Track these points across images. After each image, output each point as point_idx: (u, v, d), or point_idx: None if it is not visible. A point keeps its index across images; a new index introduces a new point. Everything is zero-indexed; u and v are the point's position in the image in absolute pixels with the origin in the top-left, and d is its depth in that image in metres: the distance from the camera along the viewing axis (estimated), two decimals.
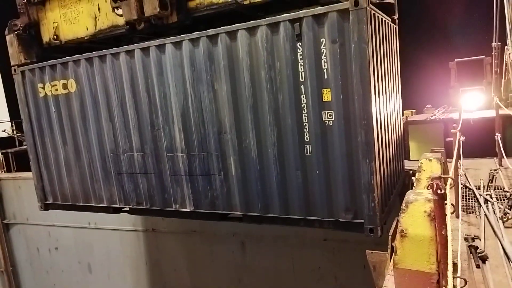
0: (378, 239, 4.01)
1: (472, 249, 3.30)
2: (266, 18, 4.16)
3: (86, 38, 5.89)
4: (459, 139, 4.11)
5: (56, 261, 10.43)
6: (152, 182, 5.32)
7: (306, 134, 4.17)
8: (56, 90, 5.85)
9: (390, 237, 3.71)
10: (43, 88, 5.97)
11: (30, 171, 6.55)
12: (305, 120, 4.15)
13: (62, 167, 6.11)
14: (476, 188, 4.72)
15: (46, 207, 6.55)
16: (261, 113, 4.35)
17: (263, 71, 4.25)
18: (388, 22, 4.73)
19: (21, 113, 6.37)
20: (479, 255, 3.20)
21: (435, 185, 2.09)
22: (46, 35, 6.23)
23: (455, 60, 9.17)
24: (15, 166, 11.61)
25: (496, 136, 5.72)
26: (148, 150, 5.23)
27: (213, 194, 4.88)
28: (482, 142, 6.28)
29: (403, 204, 2.35)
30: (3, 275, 11.18)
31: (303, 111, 4.14)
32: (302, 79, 4.08)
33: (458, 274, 2.18)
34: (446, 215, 2.11)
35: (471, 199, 4.49)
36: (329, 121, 4.04)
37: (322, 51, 3.93)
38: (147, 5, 4.85)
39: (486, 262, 3.13)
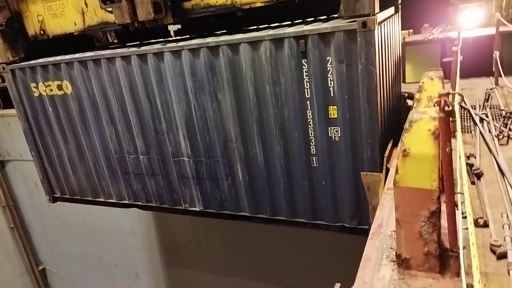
0: None
1: (468, 166, 3.33)
2: (269, 33, 4.01)
3: (75, 33, 5.63)
4: (458, 57, 4.01)
5: None
6: (160, 183, 5.44)
7: (313, 147, 4.26)
8: (51, 90, 5.69)
9: (385, 158, 3.91)
10: (37, 88, 5.79)
11: None
12: (311, 134, 4.21)
13: (66, 164, 6.16)
14: (472, 108, 4.68)
15: (54, 200, 6.70)
16: (267, 126, 4.38)
17: (267, 86, 4.20)
18: (393, 16, 4.55)
19: (16, 111, 6.25)
20: (475, 172, 3.27)
21: (443, 102, 2.03)
22: (31, 28, 5.92)
23: None
24: (1, 104, 11.09)
25: (494, 54, 5.53)
26: (153, 153, 5.27)
27: (221, 196, 5.06)
28: (478, 62, 6.11)
29: (407, 124, 2.27)
30: (6, 210, 11.63)
31: (309, 126, 4.18)
32: (308, 95, 4.06)
33: (458, 190, 2.28)
34: (451, 132, 2.13)
35: (467, 118, 4.49)
36: (335, 136, 4.11)
37: (328, 69, 3.87)
38: (141, 9, 4.59)
39: (481, 178, 3.22)
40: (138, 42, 6.79)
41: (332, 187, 4.33)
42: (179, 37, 6.79)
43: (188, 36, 6.42)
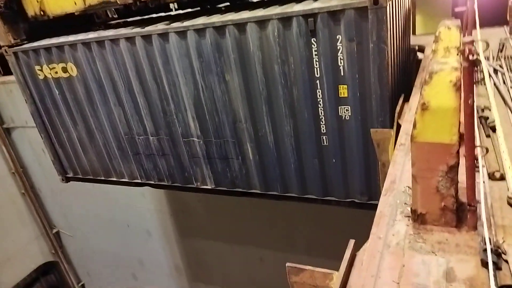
0: None
1: (482, 119, 3.27)
2: (277, 11, 3.90)
3: (76, 13, 5.49)
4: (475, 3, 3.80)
5: None
6: (171, 163, 5.51)
7: (323, 126, 4.26)
8: (56, 73, 5.64)
9: (396, 114, 3.85)
10: (41, 70, 5.74)
11: None
12: (321, 114, 4.20)
13: (77, 145, 6.22)
14: (485, 59, 4.39)
15: (67, 180, 6.82)
16: (276, 106, 4.36)
17: (276, 66, 4.13)
18: None
19: (22, 94, 6.23)
20: (490, 125, 3.18)
21: (467, 50, 1.89)
22: (31, 9, 5.78)
23: None
24: (1, 70, 10.84)
25: (509, 1, 5.20)
26: (163, 134, 5.30)
27: (232, 175, 5.13)
28: (492, 11, 5.66)
29: (426, 75, 2.16)
30: (15, 176, 11.80)
31: (319, 105, 4.16)
32: (317, 74, 4.01)
33: (477, 143, 2.23)
34: (474, 83, 2.03)
35: (480, 70, 4.22)
36: (345, 115, 4.10)
37: (338, 48, 3.80)
38: None
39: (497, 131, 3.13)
40: (139, 18, 6.66)
41: (342, 164, 4.37)
42: (181, 11, 6.62)
43: (190, 9, 6.28)
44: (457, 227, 2.27)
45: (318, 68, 3.97)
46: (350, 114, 4.06)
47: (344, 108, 4.06)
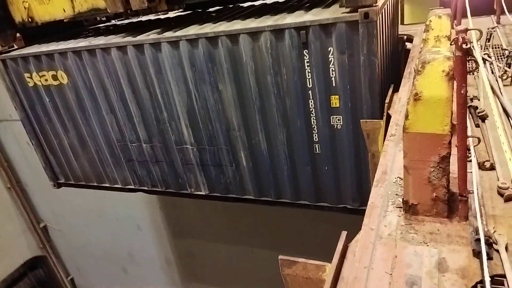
0: None
1: (472, 109, 3.28)
2: (269, 24, 3.93)
3: (65, 20, 5.45)
4: None
5: None
6: (164, 169, 5.54)
7: (315, 135, 4.34)
8: (46, 80, 5.59)
9: (386, 105, 3.86)
10: (31, 78, 5.68)
11: None
12: (314, 123, 4.27)
13: (68, 152, 6.19)
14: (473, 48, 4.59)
15: (59, 185, 6.79)
16: (269, 115, 4.42)
17: (269, 76, 4.18)
18: None
19: (11, 101, 6.16)
20: (479, 114, 3.19)
21: (461, 39, 1.89)
22: (18, 15, 5.70)
23: None
24: None
25: None
26: (156, 142, 5.32)
27: (226, 181, 5.18)
28: (480, 0, 5.67)
29: (419, 65, 2.14)
30: (1, 170, 11.66)
31: (311, 115, 4.23)
32: (309, 85, 4.07)
33: (469, 134, 2.22)
34: (467, 73, 2.01)
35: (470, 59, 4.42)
36: (337, 124, 4.18)
37: (330, 60, 3.86)
38: None
39: (486, 120, 3.16)
40: (128, 21, 6.63)
41: (334, 172, 4.46)
42: (171, 14, 6.61)
43: (180, 13, 6.26)
44: (449, 218, 2.30)
45: (310, 79, 4.04)
46: (342, 123, 4.14)
47: (336, 117, 4.14)
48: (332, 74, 3.92)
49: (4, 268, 11.86)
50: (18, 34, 5.99)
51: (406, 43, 5.69)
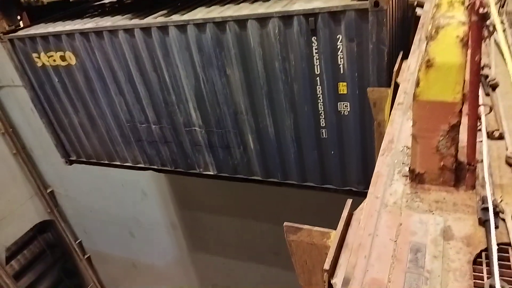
0: None
1: (482, 77, 3.17)
2: (277, 10, 3.89)
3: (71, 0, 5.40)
4: None
5: None
6: (173, 149, 5.65)
7: (322, 121, 4.39)
8: (54, 61, 5.61)
9: (394, 73, 3.77)
10: (39, 58, 5.70)
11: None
12: (321, 109, 4.30)
13: (79, 131, 6.30)
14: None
15: (71, 162, 6.97)
16: (277, 100, 4.45)
17: (277, 62, 4.18)
18: None
19: (20, 80, 6.22)
20: (490, 83, 3.11)
21: (477, 3, 1.82)
22: None
23: None
24: None
25: None
26: (165, 123, 5.39)
27: (234, 162, 5.29)
28: None
29: (432, 30, 2.04)
30: (6, 136, 11.62)
31: (318, 101, 4.26)
32: (317, 72, 4.08)
33: (480, 102, 2.15)
34: (482, 38, 1.93)
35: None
36: (344, 111, 4.21)
37: (338, 47, 3.84)
38: None
39: (497, 89, 3.09)
40: None
41: (340, 156, 4.54)
42: None
43: None
44: (455, 187, 2.26)
45: (318, 66, 4.03)
46: (349, 109, 4.17)
47: (343, 104, 4.17)
48: (340, 61, 3.91)
49: (14, 232, 12.18)
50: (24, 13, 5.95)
51: (417, 9, 5.50)
